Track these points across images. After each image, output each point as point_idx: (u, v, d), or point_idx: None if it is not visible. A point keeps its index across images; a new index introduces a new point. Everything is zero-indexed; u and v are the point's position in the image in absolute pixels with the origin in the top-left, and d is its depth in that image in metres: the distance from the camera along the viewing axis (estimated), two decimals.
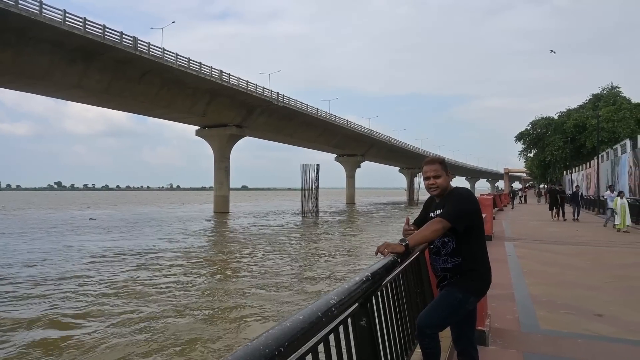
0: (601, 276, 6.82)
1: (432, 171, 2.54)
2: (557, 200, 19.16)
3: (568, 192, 29.59)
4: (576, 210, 19.03)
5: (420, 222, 2.72)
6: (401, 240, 2.32)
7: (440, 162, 2.61)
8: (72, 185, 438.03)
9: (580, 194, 20.41)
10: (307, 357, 1.46)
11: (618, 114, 42.01)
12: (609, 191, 16.65)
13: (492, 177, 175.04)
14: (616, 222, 14.06)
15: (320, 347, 1.63)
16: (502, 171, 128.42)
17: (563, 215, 19.00)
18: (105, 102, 37.24)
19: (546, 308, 4.92)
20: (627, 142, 24.80)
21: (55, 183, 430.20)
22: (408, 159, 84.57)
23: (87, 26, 28.13)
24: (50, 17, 26.10)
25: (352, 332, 2.00)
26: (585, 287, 6.04)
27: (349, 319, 1.98)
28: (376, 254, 2.31)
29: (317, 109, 53.32)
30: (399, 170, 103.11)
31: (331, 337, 1.77)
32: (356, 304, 2.03)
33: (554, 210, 19.29)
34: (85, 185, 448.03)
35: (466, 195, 2.50)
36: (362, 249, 18.07)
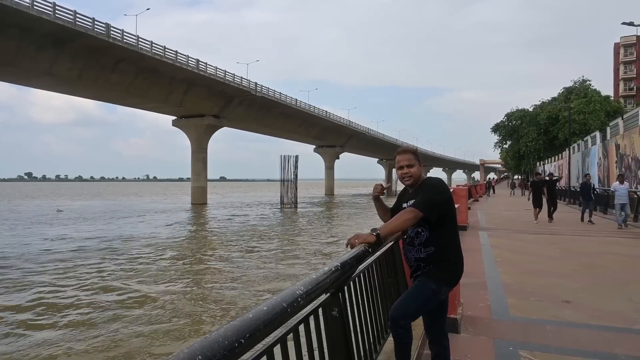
0: (570, 264, 7.03)
1: (406, 160, 2.54)
2: (541, 194, 14.09)
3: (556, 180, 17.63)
4: (587, 209, 13.95)
5: (393, 213, 2.71)
6: (372, 230, 2.32)
7: (413, 152, 2.61)
8: (44, 176, 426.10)
9: (592, 185, 14.53)
10: (275, 348, 1.45)
11: (589, 107, 43.24)
12: (617, 182, 12.87)
13: (469, 168, 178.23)
14: None
15: (291, 337, 1.62)
16: (478, 162, 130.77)
17: (549, 216, 13.86)
18: (77, 90, 36.15)
19: (517, 296, 5.04)
20: (597, 134, 25.57)
21: (26, 174, 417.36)
22: (387, 150, 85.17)
23: (57, 11, 27.14)
24: (17, 0, 25.06)
25: (324, 323, 1.99)
26: (555, 275, 6.21)
27: (320, 309, 1.97)
28: (347, 246, 2.30)
29: (296, 99, 53.07)
30: (378, 162, 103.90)
31: (302, 328, 1.76)
32: (327, 294, 2.02)
33: (538, 210, 13.91)
34: (57, 176, 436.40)
35: (438, 185, 2.52)
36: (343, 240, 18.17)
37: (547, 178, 15.63)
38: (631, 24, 18.86)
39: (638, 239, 10.14)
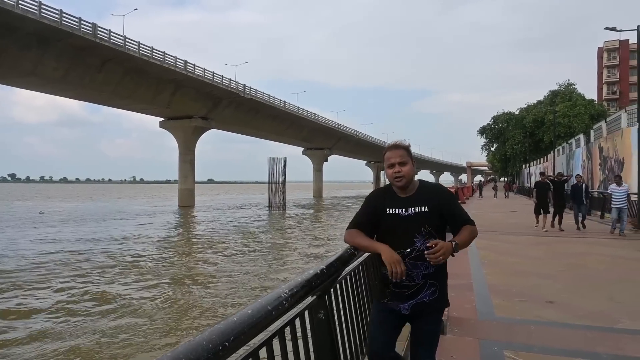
0: (554, 265, 7.14)
1: (398, 157, 2.14)
2: (546, 198, 12.39)
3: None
4: (580, 213, 12.43)
5: (366, 222, 2.23)
6: (454, 244, 2.09)
7: (406, 147, 2.20)
8: (28, 178, 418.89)
9: (585, 187, 12.97)
10: (260, 351, 1.45)
11: (573, 110, 44.01)
12: (615, 184, 11.73)
13: (456, 170, 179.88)
14: None
15: (276, 340, 1.63)
16: (465, 165, 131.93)
17: (559, 222, 12.25)
18: (63, 91, 35.64)
19: (502, 296, 5.10)
20: (581, 137, 26.01)
21: (9, 175, 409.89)
22: (375, 153, 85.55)
23: (42, 10, 26.75)
24: None
25: (310, 325, 2.00)
26: (539, 275, 6.30)
27: (306, 312, 1.97)
28: (429, 256, 2.04)
29: (285, 101, 53.02)
30: (366, 164, 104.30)
31: (288, 330, 1.76)
32: (313, 297, 2.03)
33: (543, 215, 12.26)
34: (42, 178, 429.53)
35: (449, 190, 2.34)
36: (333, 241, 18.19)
37: (555, 178, 13.18)
38: (614, 29, 19.25)
39: (621, 240, 10.34)
